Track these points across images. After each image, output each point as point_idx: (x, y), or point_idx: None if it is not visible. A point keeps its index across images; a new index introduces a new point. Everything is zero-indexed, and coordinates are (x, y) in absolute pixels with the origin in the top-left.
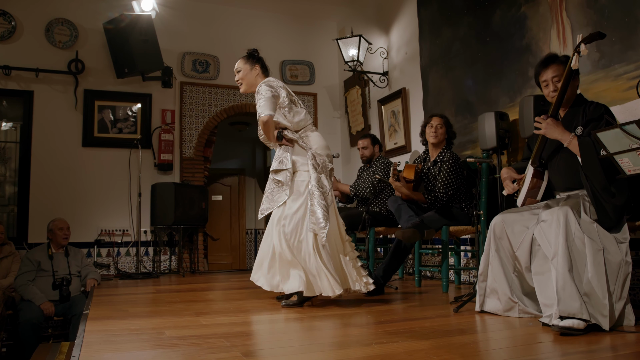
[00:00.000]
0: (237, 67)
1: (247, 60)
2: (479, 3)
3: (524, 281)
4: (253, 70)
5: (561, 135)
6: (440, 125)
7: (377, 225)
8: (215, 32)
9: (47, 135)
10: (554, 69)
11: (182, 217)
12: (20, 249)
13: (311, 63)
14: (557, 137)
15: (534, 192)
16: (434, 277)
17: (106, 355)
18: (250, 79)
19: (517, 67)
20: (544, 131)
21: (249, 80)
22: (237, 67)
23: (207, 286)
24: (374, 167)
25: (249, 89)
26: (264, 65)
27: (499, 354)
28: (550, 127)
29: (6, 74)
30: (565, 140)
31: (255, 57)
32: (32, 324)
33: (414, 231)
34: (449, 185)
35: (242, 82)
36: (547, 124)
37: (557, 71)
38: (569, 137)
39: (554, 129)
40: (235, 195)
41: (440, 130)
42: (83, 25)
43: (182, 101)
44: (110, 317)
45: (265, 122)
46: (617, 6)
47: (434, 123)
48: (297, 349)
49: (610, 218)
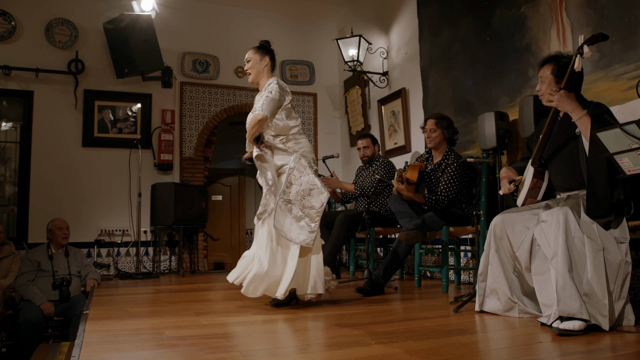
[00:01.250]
0: (247, 57)
1: (257, 50)
2: (479, 3)
3: (523, 281)
4: (262, 61)
5: (573, 108)
6: (432, 129)
7: (377, 225)
8: (215, 32)
9: (47, 135)
10: (546, 68)
11: (182, 217)
12: (20, 249)
13: (311, 63)
14: (569, 110)
15: (534, 192)
16: (434, 277)
17: (106, 355)
18: (259, 69)
19: (517, 67)
20: (557, 103)
21: (257, 70)
22: (248, 57)
23: (207, 286)
24: (374, 167)
25: (256, 79)
26: (274, 58)
27: (499, 354)
28: (563, 99)
29: (6, 74)
30: (576, 115)
31: (267, 48)
32: (32, 324)
33: (417, 233)
34: (452, 188)
35: (250, 71)
36: (560, 95)
37: (547, 70)
38: (580, 112)
39: (566, 101)
40: (235, 195)
41: (434, 134)
42: (83, 25)
43: (182, 101)
44: (110, 317)
45: (260, 120)
46: (617, 6)
47: (427, 127)
48: (296, 349)
49: (599, 206)
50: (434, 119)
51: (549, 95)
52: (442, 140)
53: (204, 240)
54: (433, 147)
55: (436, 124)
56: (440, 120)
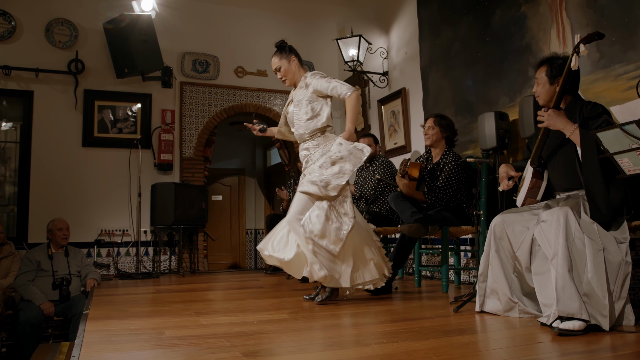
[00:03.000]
0: (275, 66)
1: (281, 54)
2: (479, 3)
3: (524, 281)
4: (292, 63)
5: (564, 125)
6: (431, 127)
7: (377, 225)
8: (215, 32)
9: (47, 135)
10: (541, 70)
11: (182, 217)
12: (20, 249)
13: (311, 63)
14: (560, 127)
15: (534, 192)
16: (434, 277)
17: (106, 355)
18: (292, 71)
19: (517, 67)
20: (547, 123)
21: (291, 72)
22: (276, 66)
23: (207, 286)
24: (374, 167)
25: (293, 81)
26: (297, 53)
27: (499, 354)
28: (553, 118)
29: (6, 74)
30: (568, 131)
31: (287, 47)
32: (32, 324)
33: (419, 226)
34: (450, 187)
35: (285, 77)
36: (549, 115)
37: (542, 72)
38: (572, 127)
39: (556, 119)
40: (235, 195)
41: (432, 132)
42: (83, 25)
43: (182, 101)
44: (110, 317)
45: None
46: (617, 6)
47: (426, 124)
48: (296, 349)
49: (602, 214)
50: (434, 117)
51: (538, 117)
52: (439, 138)
53: (204, 240)
54: (430, 144)
55: (435, 121)
56: (440, 119)
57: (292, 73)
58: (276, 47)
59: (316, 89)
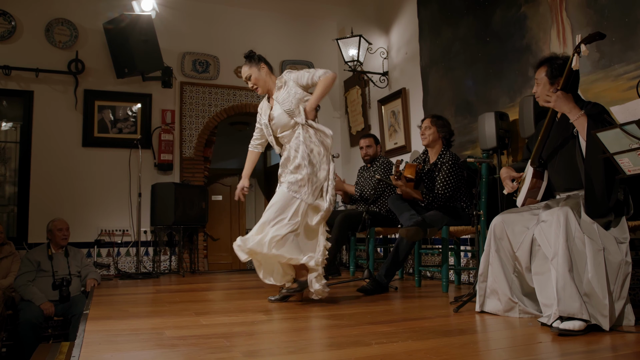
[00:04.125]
0: (245, 75)
1: (250, 63)
2: (479, 3)
3: (524, 281)
4: (261, 70)
5: (570, 109)
6: (427, 127)
7: (377, 225)
8: (215, 32)
9: (47, 135)
10: (541, 70)
11: (182, 217)
12: (20, 249)
13: (311, 63)
14: (566, 111)
15: (534, 192)
16: (434, 277)
17: (106, 355)
18: (263, 78)
19: (517, 67)
20: (554, 104)
21: (262, 80)
22: (246, 74)
23: (207, 286)
24: (375, 167)
25: (265, 88)
26: (266, 61)
27: (499, 354)
28: (561, 100)
29: (6, 74)
30: (574, 116)
31: (255, 56)
32: (32, 324)
33: (417, 229)
34: (448, 186)
35: (256, 85)
36: (557, 96)
37: (542, 72)
38: (577, 112)
39: (563, 102)
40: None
41: (428, 132)
42: (83, 25)
43: (182, 101)
44: (110, 317)
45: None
46: (617, 6)
47: (423, 125)
48: (296, 349)
49: (597, 205)
50: (430, 118)
51: (545, 97)
52: (436, 138)
53: (204, 240)
54: (427, 144)
55: (431, 121)
56: (437, 119)
57: (262, 80)
58: (245, 57)
59: (296, 81)
